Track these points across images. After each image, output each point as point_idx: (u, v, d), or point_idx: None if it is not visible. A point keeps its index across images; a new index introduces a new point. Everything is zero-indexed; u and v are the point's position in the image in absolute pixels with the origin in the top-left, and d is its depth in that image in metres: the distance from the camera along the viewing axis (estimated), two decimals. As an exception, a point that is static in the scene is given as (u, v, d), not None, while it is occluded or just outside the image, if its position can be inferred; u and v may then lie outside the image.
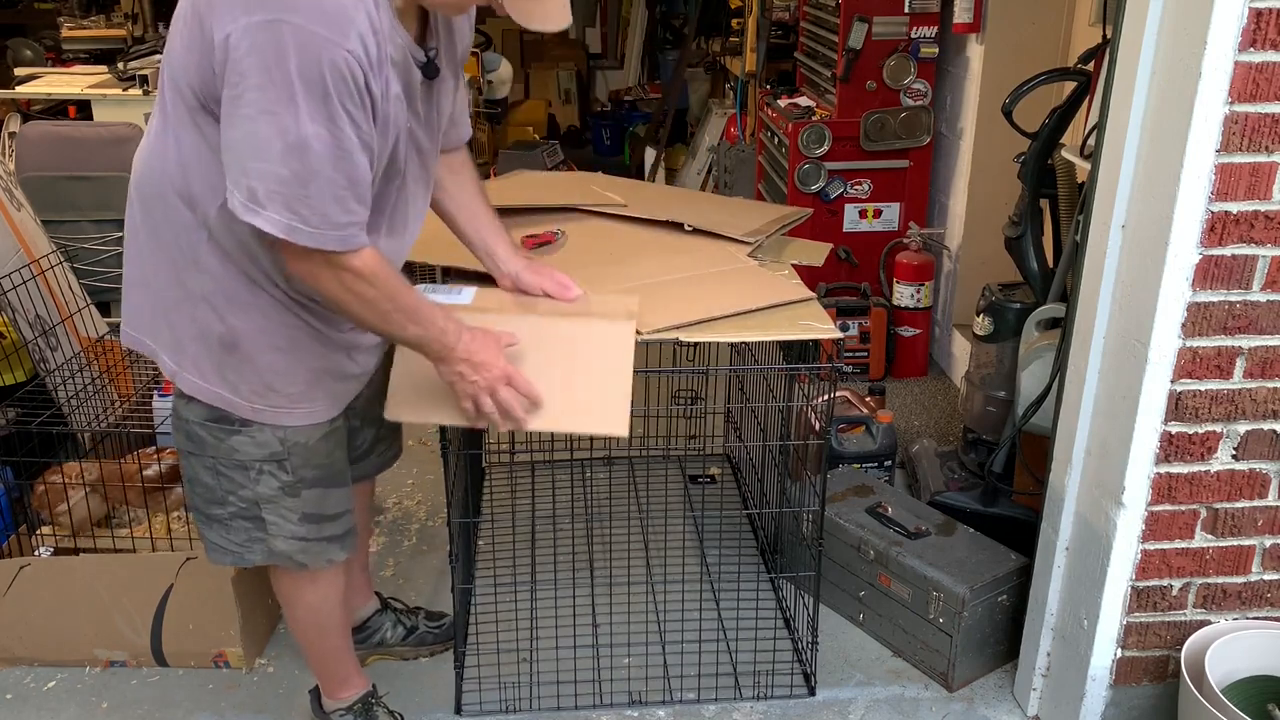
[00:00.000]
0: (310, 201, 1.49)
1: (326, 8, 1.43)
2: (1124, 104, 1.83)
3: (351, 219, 1.55)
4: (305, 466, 1.81)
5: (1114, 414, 1.96)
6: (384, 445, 2.17)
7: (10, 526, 2.61)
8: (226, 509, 1.82)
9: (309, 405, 1.78)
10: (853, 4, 3.63)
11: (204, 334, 1.70)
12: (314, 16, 1.42)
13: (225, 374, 1.72)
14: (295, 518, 1.84)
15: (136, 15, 5.15)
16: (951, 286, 3.88)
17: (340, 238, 1.54)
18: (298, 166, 1.47)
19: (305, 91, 1.44)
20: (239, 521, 1.83)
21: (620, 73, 7.82)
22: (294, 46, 1.42)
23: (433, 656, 2.43)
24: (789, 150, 3.83)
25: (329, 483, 1.87)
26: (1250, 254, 1.79)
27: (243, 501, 1.82)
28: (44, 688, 2.37)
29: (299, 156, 1.46)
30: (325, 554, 1.91)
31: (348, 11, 1.45)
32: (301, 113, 1.44)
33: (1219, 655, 1.98)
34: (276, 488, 1.81)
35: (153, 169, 1.66)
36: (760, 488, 2.90)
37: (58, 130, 4.04)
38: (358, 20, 1.45)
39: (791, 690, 2.35)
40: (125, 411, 2.85)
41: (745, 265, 2.28)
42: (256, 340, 1.70)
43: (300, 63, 1.42)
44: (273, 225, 1.50)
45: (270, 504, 1.82)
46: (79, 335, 2.98)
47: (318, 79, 1.44)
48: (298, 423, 1.78)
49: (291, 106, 1.44)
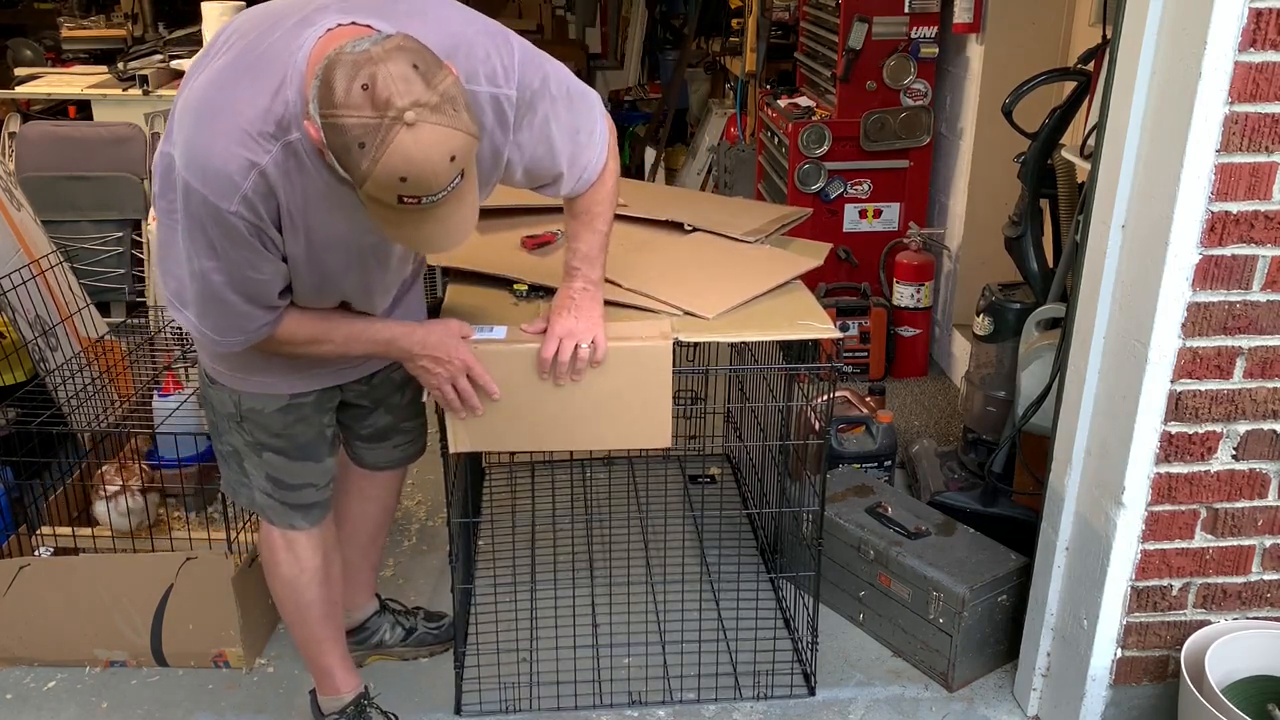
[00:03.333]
0: (209, 318, 1.64)
1: (209, 172, 1.49)
2: (1124, 104, 1.83)
3: (258, 323, 1.66)
4: (260, 432, 1.89)
5: (1114, 414, 1.95)
6: (404, 438, 2.17)
7: (10, 526, 2.61)
8: (223, 446, 1.96)
9: (262, 377, 1.84)
10: (853, 4, 3.63)
11: None
12: (199, 176, 1.50)
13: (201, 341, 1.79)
14: (260, 475, 1.94)
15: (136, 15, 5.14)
16: (951, 286, 3.88)
17: (244, 340, 1.68)
18: (200, 288, 1.60)
19: (197, 234, 1.54)
20: (232, 461, 1.96)
21: (620, 73, 7.80)
22: (182, 195, 1.52)
23: (432, 657, 2.43)
24: (789, 150, 3.83)
25: (290, 454, 1.92)
26: (1250, 254, 1.79)
27: (228, 445, 1.94)
28: (44, 688, 2.37)
29: (199, 282, 1.59)
30: (287, 518, 1.98)
31: (232, 177, 1.49)
32: (198, 250, 1.56)
33: (1219, 655, 1.98)
34: (243, 443, 1.92)
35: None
36: (760, 488, 2.90)
37: (58, 130, 4.05)
38: (243, 184, 1.49)
39: (791, 690, 2.35)
40: (125, 411, 2.85)
41: (754, 248, 2.33)
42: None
43: (188, 211, 1.52)
44: (189, 325, 1.67)
45: (244, 455, 1.93)
46: (79, 335, 2.98)
47: (202, 229, 1.53)
48: (249, 389, 1.85)
49: (188, 242, 1.56)
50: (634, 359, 1.94)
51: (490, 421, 1.94)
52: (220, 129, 1.48)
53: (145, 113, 4.11)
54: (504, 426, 1.95)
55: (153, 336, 3.06)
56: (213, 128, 1.49)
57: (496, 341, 1.92)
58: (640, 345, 1.94)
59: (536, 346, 1.90)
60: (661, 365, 1.94)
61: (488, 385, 1.89)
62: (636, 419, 1.98)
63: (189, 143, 1.50)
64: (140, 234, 4.02)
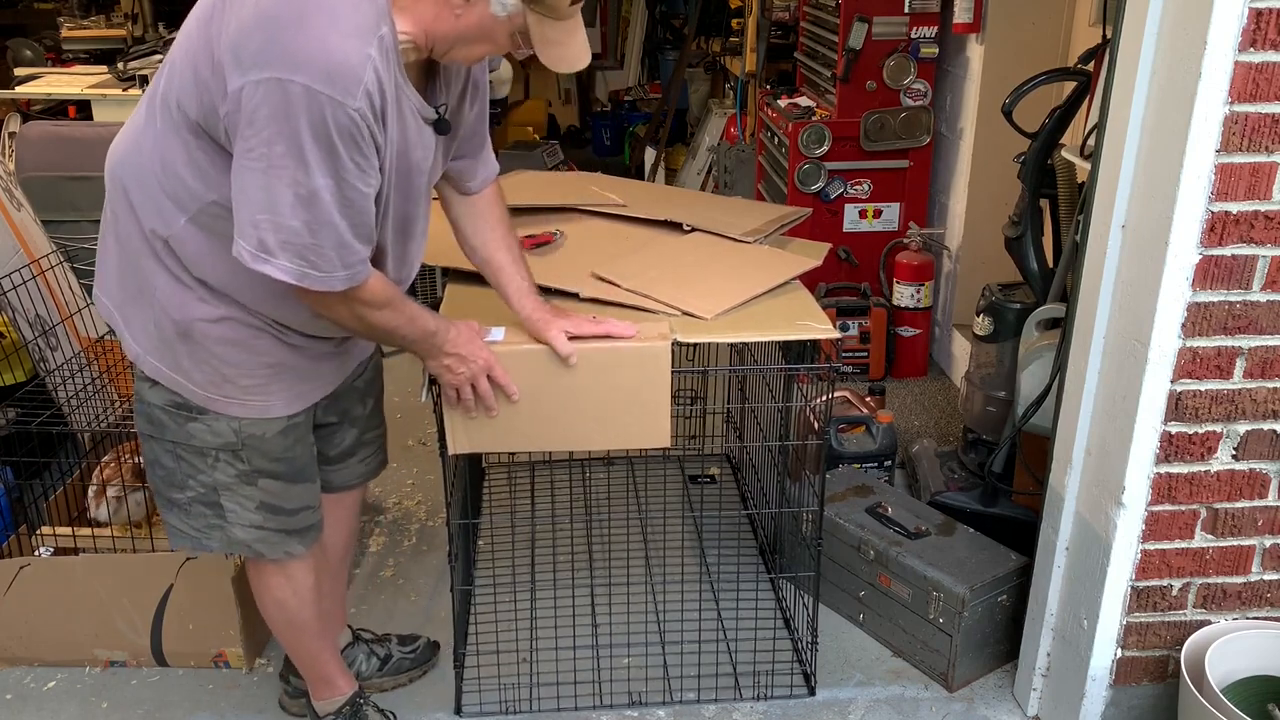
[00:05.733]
0: (320, 249, 1.56)
1: (333, 68, 1.46)
2: (1124, 104, 1.83)
3: (357, 258, 1.61)
4: (261, 458, 1.83)
5: (1114, 414, 1.95)
6: (368, 451, 2.13)
7: (10, 526, 2.61)
8: (186, 493, 1.84)
9: (263, 399, 1.79)
10: (853, 4, 3.63)
11: (159, 321, 1.72)
12: (320, 77, 1.46)
13: (180, 361, 1.74)
14: (252, 505, 1.86)
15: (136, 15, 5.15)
16: (951, 286, 3.88)
17: (347, 277, 1.61)
18: (307, 217, 1.53)
19: (314, 147, 1.49)
20: (198, 507, 1.85)
21: (620, 73, 7.81)
22: (302, 105, 1.46)
23: (410, 683, 2.37)
24: (789, 150, 3.83)
25: (289, 478, 1.88)
26: (1250, 254, 1.79)
27: (202, 487, 1.84)
28: (44, 688, 2.37)
29: (308, 208, 1.52)
30: (283, 545, 1.92)
31: (355, 70, 1.48)
32: (311, 167, 1.50)
33: (1219, 655, 1.98)
34: (233, 475, 1.83)
35: (129, 159, 1.69)
36: (760, 488, 2.90)
37: (58, 130, 4.04)
38: (365, 78, 1.49)
39: (791, 690, 2.35)
40: (125, 411, 2.85)
41: (753, 248, 2.32)
42: (209, 332, 1.72)
43: (309, 121, 1.47)
44: (284, 273, 1.56)
45: (228, 491, 1.84)
46: (79, 335, 2.98)
47: (325, 136, 1.48)
48: (251, 415, 1.79)
49: (301, 162, 1.49)
50: (633, 360, 1.94)
51: (490, 422, 1.94)
52: (329, 26, 1.46)
53: (145, 112, 4.10)
54: (503, 427, 1.95)
55: (153, 336, 3.05)
56: (320, 27, 1.46)
57: (496, 343, 1.92)
58: (639, 346, 1.94)
59: (536, 347, 1.91)
60: (660, 366, 1.94)
61: (507, 386, 1.89)
62: (635, 419, 1.99)
63: (297, 51, 1.45)
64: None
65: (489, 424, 1.94)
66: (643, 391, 1.96)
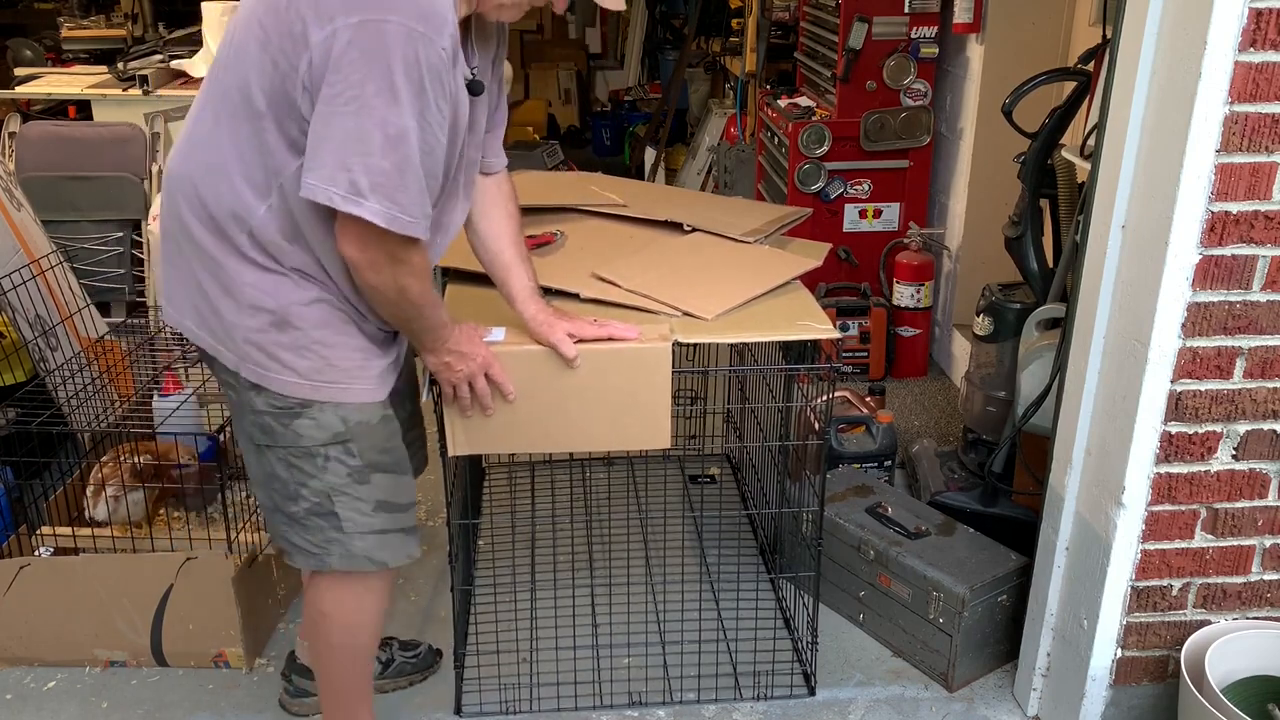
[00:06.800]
0: (407, 191, 1.56)
1: (424, 6, 1.50)
2: (1124, 104, 1.83)
3: (428, 211, 1.62)
4: (370, 449, 1.80)
5: (1114, 414, 1.96)
6: (410, 451, 2.09)
7: (10, 526, 2.61)
8: (300, 505, 1.81)
9: (364, 382, 1.78)
10: (853, 4, 3.63)
11: (253, 319, 1.71)
12: (413, 15, 1.49)
13: (281, 355, 1.72)
14: (369, 508, 1.82)
15: (136, 15, 5.15)
16: (951, 286, 3.88)
17: (424, 227, 1.62)
18: (397, 158, 1.53)
19: (406, 85, 1.50)
20: (313, 519, 1.82)
21: (620, 73, 7.82)
22: (396, 43, 1.48)
23: (411, 686, 2.36)
24: (789, 150, 3.83)
25: (396, 469, 1.86)
26: (1250, 254, 1.79)
27: (315, 495, 1.80)
28: (44, 688, 2.37)
29: (398, 147, 1.53)
30: (404, 548, 1.89)
31: (442, 11, 1.52)
32: (403, 106, 1.51)
33: (1219, 655, 1.98)
34: (345, 475, 1.79)
35: (198, 157, 1.68)
36: (760, 488, 2.90)
37: (58, 130, 4.05)
38: (450, 19, 1.53)
39: (791, 690, 2.35)
40: (125, 411, 2.85)
41: (753, 248, 2.33)
42: (306, 315, 1.72)
43: (402, 58, 1.49)
44: (375, 215, 1.55)
45: (342, 496, 1.80)
46: (79, 335, 2.98)
47: (416, 75, 1.51)
48: (356, 399, 1.77)
49: (394, 100, 1.50)
50: (633, 361, 1.94)
51: (489, 423, 1.94)
52: None
53: (145, 113, 4.10)
54: (503, 428, 1.95)
55: (153, 336, 3.06)
56: None
57: (496, 343, 1.92)
58: (640, 347, 1.94)
59: (536, 348, 1.91)
60: (661, 367, 1.95)
61: (504, 385, 1.90)
62: (635, 420, 1.99)
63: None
64: (140, 234, 4.03)
65: (489, 425, 1.94)
66: (643, 393, 1.96)
